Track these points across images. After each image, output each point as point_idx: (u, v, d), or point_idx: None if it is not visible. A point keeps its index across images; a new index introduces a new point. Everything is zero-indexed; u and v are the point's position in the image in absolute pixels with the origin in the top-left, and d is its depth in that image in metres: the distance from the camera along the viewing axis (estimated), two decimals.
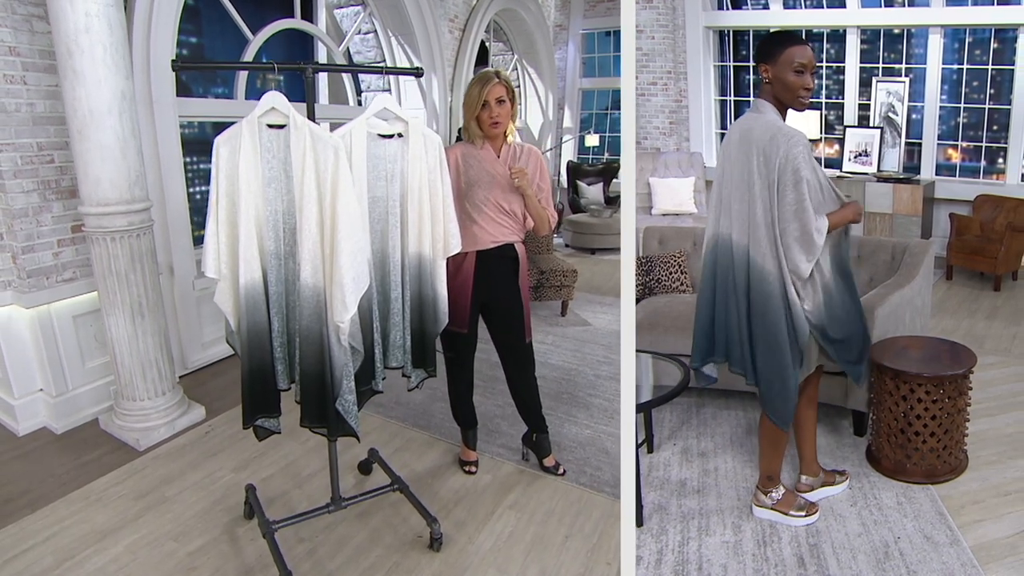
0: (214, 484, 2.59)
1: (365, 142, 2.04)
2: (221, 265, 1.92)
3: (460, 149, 2.44)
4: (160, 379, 2.89)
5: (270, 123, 1.92)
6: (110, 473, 2.66)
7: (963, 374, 2.42)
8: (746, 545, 2.18)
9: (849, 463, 2.63)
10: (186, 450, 2.85)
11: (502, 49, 7.82)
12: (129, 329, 2.76)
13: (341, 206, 1.88)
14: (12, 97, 2.69)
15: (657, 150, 7.15)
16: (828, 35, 6.32)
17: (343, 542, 2.27)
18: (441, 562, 2.18)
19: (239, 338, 1.99)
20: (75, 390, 3.04)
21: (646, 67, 6.98)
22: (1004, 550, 2.13)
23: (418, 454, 2.85)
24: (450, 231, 2.21)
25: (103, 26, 2.52)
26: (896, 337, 2.70)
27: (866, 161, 5.89)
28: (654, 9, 6.80)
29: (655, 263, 3.63)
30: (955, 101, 5.87)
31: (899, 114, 5.89)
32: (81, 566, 2.14)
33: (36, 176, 2.82)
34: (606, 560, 2.19)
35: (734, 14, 6.72)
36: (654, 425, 2.88)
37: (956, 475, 2.50)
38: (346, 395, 2.01)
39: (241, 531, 2.32)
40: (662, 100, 7.08)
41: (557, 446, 2.84)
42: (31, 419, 2.99)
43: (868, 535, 2.21)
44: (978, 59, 5.71)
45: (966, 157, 5.99)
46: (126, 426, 2.87)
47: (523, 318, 2.53)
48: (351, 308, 1.91)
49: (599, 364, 3.86)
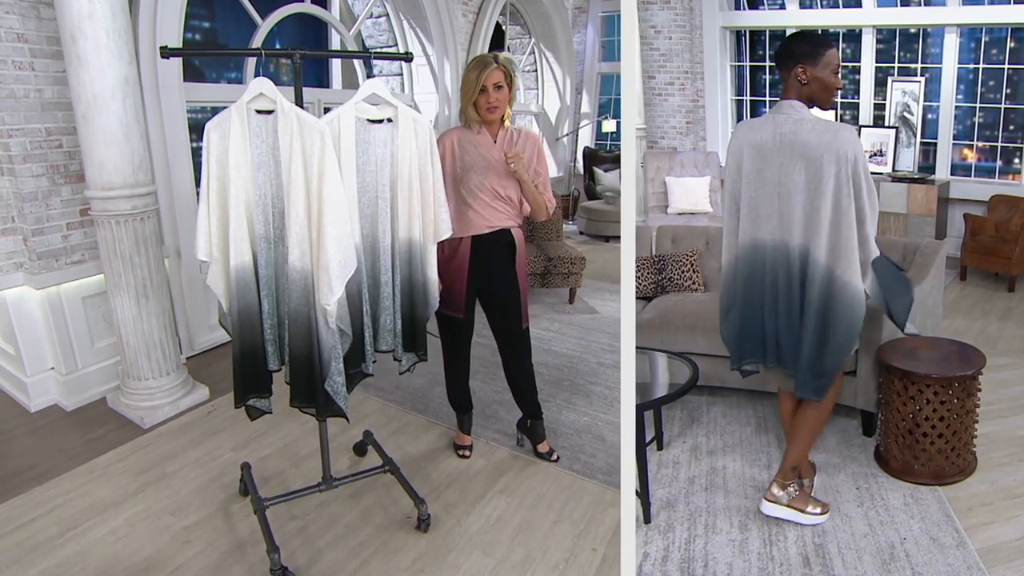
0: (213, 462, 2.66)
1: (354, 127, 2.05)
2: (212, 248, 1.96)
3: (456, 134, 2.44)
4: (164, 359, 2.96)
5: (259, 108, 1.94)
6: (114, 449, 2.75)
7: (972, 375, 2.38)
8: (752, 544, 2.18)
9: (857, 463, 2.60)
10: (188, 429, 2.92)
11: (519, 32, 7.75)
12: (134, 310, 2.84)
13: (327, 191, 1.90)
14: (21, 83, 2.76)
15: (674, 149, 7.13)
16: (844, 35, 6.30)
17: (334, 521, 2.32)
18: (428, 543, 2.21)
19: (231, 319, 2.03)
20: (84, 369, 3.13)
21: (663, 67, 7.07)
22: (1012, 553, 2.08)
23: (414, 437, 2.89)
24: (440, 216, 2.22)
25: (106, 12, 2.56)
26: (905, 337, 2.64)
27: (881, 161, 5.87)
28: (671, 10, 6.85)
29: (667, 262, 3.62)
30: (971, 101, 5.81)
31: (914, 114, 5.87)
32: (83, 536, 2.23)
33: (45, 161, 2.89)
34: (592, 546, 2.20)
35: (751, 14, 6.72)
36: (664, 423, 2.88)
37: (965, 477, 2.45)
38: (334, 376, 2.04)
39: (236, 508, 2.38)
40: (679, 100, 7.14)
41: (553, 432, 2.85)
42: (43, 396, 3.10)
43: (874, 536, 2.18)
44: (994, 58, 5.64)
45: (982, 157, 5.91)
46: (132, 404, 2.96)
47: (519, 304, 2.53)
48: (337, 291, 1.93)
49: (603, 352, 3.85)
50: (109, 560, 2.12)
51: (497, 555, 2.16)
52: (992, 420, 2.86)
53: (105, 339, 3.18)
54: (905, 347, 2.55)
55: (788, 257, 2.08)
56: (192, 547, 2.18)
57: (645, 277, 3.61)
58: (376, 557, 2.15)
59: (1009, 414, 2.95)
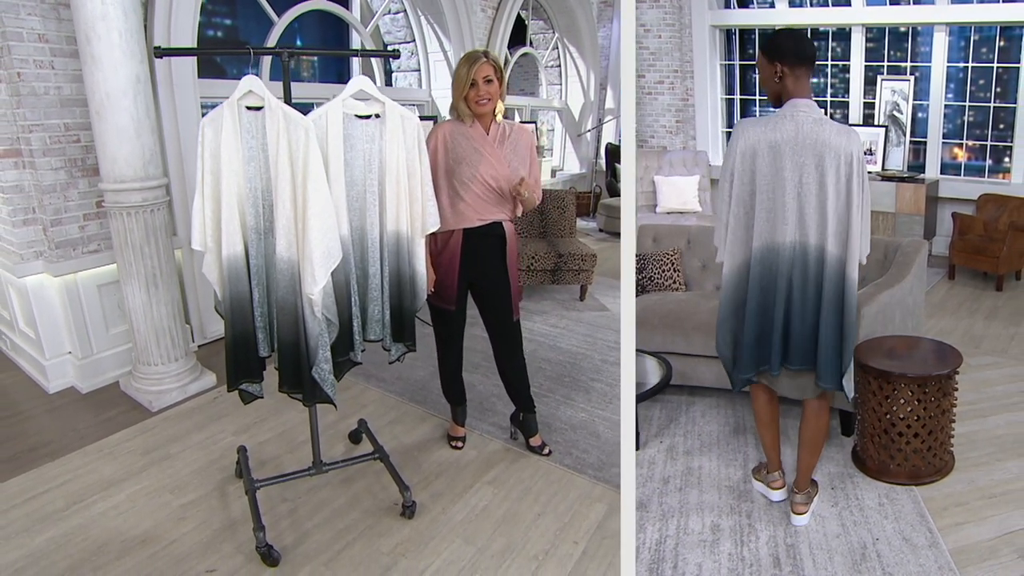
0: (214, 445, 2.77)
1: (341, 123, 2.11)
2: (207, 238, 2.05)
3: (449, 127, 2.47)
4: (173, 346, 3.09)
5: (249, 105, 2.02)
6: (123, 430, 2.88)
7: (948, 374, 2.35)
8: (723, 544, 2.18)
9: (834, 463, 2.58)
10: (194, 413, 3.04)
11: (542, 28, 7.74)
12: (144, 298, 2.97)
13: (311, 185, 1.96)
14: (41, 81, 2.91)
15: (664, 148, 7.13)
16: (833, 33, 6.30)
17: (323, 504, 2.40)
18: (411, 529, 2.27)
19: (224, 307, 2.11)
20: (99, 354, 3.29)
21: (653, 66, 7.10)
22: (984, 553, 2.06)
23: (410, 427, 2.95)
24: (428, 210, 2.27)
25: (118, 13, 2.68)
26: (883, 337, 2.63)
27: (870, 160, 5.86)
28: (660, 8, 6.87)
29: (648, 261, 3.62)
30: (961, 99, 5.78)
31: (904, 112, 5.84)
32: (86, 509, 2.35)
33: (63, 155, 3.04)
34: (573, 539, 2.23)
35: (740, 13, 6.72)
36: (641, 423, 2.89)
37: (941, 476, 2.43)
38: (321, 364, 2.11)
39: (231, 488, 2.48)
40: (668, 99, 7.17)
41: (548, 427, 2.88)
42: (60, 379, 3.26)
43: (847, 536, 2.17)
44: (984, 57, 5.60)
45: (972, 156, 5.87)
46: (142, 388, 3.09)
47: (510, 297, 2.56)
48: (320, 281, 2.00)
49: (608, 350, 3.84)
50: (109, 532, 2.23)
51: (478, 544, 2.20)
52: (972, 419, 2.82)
53: (119, 326, 3.33)
54: (882, 346, 2.53)
55: (806, 258, 2.07)
56: (187, 523, 2.28)
57: None
58: (360, 540, 2.21)
59: (990, 413, 2.92)
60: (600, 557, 2.15)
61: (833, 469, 2.54)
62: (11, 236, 3.05)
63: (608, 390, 3.29)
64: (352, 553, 2.15)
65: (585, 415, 3.03)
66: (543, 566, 2.11)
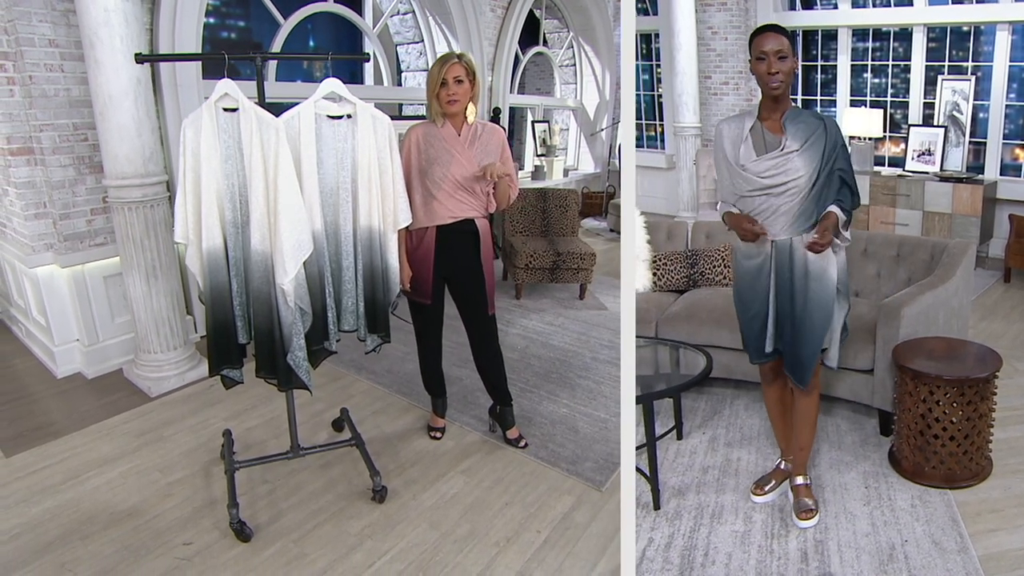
0: (205, 429, 2.91)
1: (313, 123, 2.21)
2: (189, 231, 2.18)
3: (421, 129, 2.56)
4: (172, 335, 3.25)
5: (225, 107, 2.14)
6: (122, 413, 3.05)
7: (986, 378, 2.31)
8: (754, 536, 2.20)
9: (869, 462, 2.58)
10: (190, 399, 3.20)
11: (557, 27, 7.78)
12: (144, 289, 3.13)
13: (281, 181, 2.08)
14: (51, 83, 3.10)
15: None
16: (895, 33, 6.21)
17: (300, 487, 2.51)
18: (381, 512, 2.37)
19: (205, 296, 2.24)
20: (104, 342, 3.47)
21: (719, 67, 7.22)
22: (1014, 561, 2.02)
23: (393, 417, 3.05)
24: (399, 206, 2.37)
25: (120, 20, 2.84)
26: (924, 338, 2.60)
27: (929, 160, 5.73)
28: (728, 11, 6.99)
29: (700, 257, 3.66)
30: (1023, 100, 5.58)
31: (964, 113, 5.69)
32: (81, 485, 2.52)
33: (72, 153, 3.23)
34: (537, 528, 2.29)
35: (804, 14, 6.71)
36: (685, 413, 2.95)
37: (977, 481, 2.39)
38: (296, 351, 2.23)
39: (216, 469, 2.61)
40: (733, 99, 7.24)
41: (528, 421, 2.94)
42: (68, 364, 3.45)
43: (876, 535, 2.17)
44: None
45: None
46: (142, 375, 3.26)
47: (484, 291, 2.63)
48: (290, 272, 2.11)
49: (601, 348, 3.87)
50: (99, 506, 2.39)
51: (443, 529, 2.29)
52: (1014, 425, 2.75)
53: (124, 315, 3.50)
54: (923, 347, 2.50)
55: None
56: (171, 500, 2.42)
57: (678, 271, 3.65)
58: (330, 521, 2.32)
59: None
60: (560, 546, 2.21)
61: (868, 468, 2.52)
62: (24, 229, 3.25)
63: (594, 387, 3.33)
64: (322, 533, 2.26)
65: (567, 411, 3.08)
66: (503, 552, 2.18)
